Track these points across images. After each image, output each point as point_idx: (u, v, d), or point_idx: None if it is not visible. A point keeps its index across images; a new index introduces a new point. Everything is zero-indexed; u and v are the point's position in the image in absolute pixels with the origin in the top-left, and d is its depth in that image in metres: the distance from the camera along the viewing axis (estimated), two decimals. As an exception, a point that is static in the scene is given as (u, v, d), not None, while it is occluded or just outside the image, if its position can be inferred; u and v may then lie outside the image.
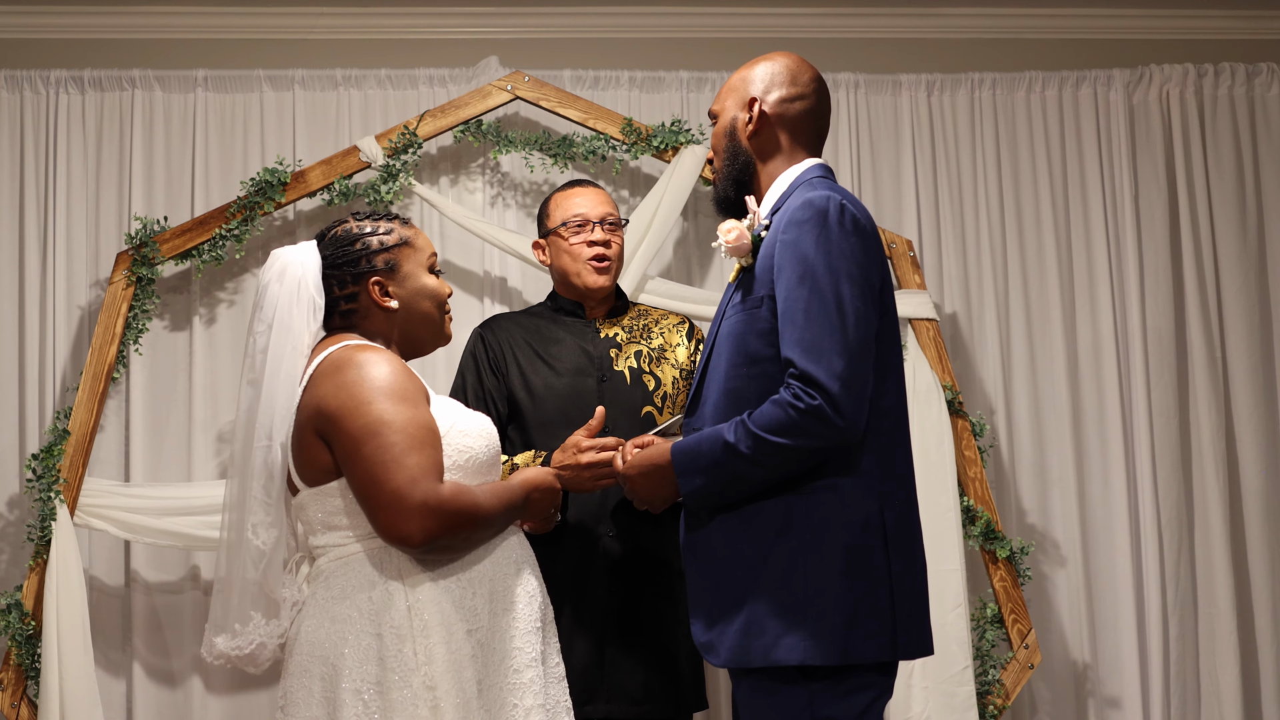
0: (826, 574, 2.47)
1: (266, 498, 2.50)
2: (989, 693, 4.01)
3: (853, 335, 2.46)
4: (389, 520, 2.37)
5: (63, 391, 4.12)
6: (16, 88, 4.24)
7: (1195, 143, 4.58)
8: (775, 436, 2.45)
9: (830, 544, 2.48)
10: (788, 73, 2.73)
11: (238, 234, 4.03)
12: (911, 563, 2.57)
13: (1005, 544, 4.06)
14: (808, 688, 2.48)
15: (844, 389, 2.43)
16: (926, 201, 4.49)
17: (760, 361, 2.56)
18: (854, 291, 2.48)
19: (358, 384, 2.42)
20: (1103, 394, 4.47)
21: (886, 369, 2.58)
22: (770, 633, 2.48)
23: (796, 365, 2.46)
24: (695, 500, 2.60)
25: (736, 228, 2.64)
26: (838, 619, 2.46)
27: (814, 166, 2.71)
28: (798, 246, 2.51)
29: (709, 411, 2.64)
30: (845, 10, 4.59)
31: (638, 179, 4.38)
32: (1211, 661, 4.38)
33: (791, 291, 2.50)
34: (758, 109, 2.71)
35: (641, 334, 3.47)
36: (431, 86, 4.34)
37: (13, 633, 3.76)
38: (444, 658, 2.37)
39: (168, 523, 3.87)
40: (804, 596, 2.47)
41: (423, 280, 2.62)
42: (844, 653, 2.46)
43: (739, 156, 2.74)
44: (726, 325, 2.66)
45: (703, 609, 2.59)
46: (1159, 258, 4.51)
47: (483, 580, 2.47)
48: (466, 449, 2.49)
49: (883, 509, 2.53)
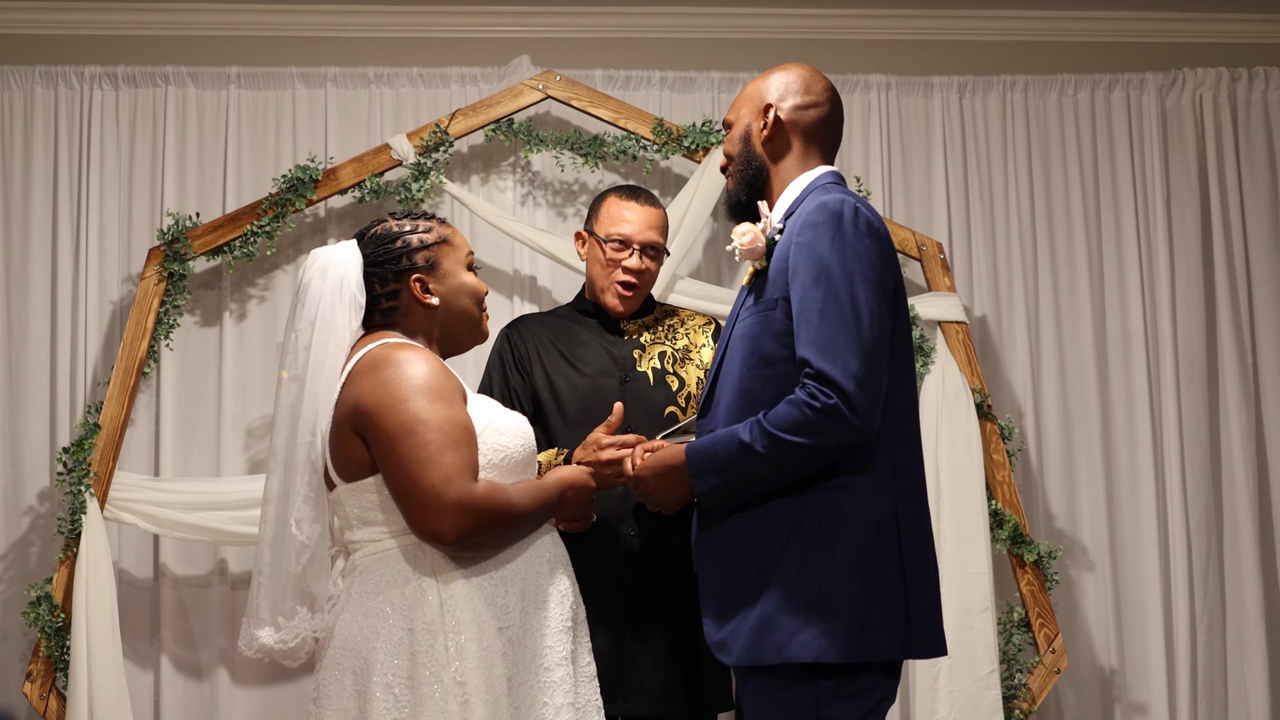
0: (840, 573, 2.49)
1: (310, 492, 2.52)
2: (1015, 697, 4.00)
3: (868, 336, 2.49)
4: (423, 517, 2.39)
5: (94, 386, 4.15)
6: (51, 83, 4.26)
7: (1228, 147, 4.56)
8: (791, 436, 2.48)
9: (844, 543, 2.50)
10: (802, 82, 2.77)
11: (269, 230, 4.05)
12: (925, 562, 2.59)
13: (1033, 548, 4.05)
14: (814, 687, 2.50)
15: (860, 389, 2.46)
16: (957, 204, 4.48)
17: (775, 362, 2.58)
18: (869, 292, 2.51)
19: (395, 382, 2.44)
20: (1132, 398, 4.45)
21: (899, 370, 2.61)
22: (783, 630, 2.50)
23: (812, 365, 2.48)
24: (710, 500, 2.61)
25: (751, 231, 2.68)
26: (851, 617, 2.48)
27: (826, 173, 2.74)
28: (813, 248, 2.54)
29: (722, 413, 2.66)
30: (877, 12, 4.58)
31: (668, 179, 4.38)
32: (1240, 668, 4.36)
33: (807, 292, 2.52)
34: (773, 115, 2.74)
35: (666, 335, 3.48)
36: (463, 85, 4.35)
37: (42, 625, 3.79)
38: (475, 654, 2.39)
39: (197, 517, 3.89)
40: (818, 595, 2.49)
41: (462, 278, 2.65)
42: (858, 651, 2.47)
43: (753, 161, 2.77)
44: (740, 327, 2.68)
45: (715, 607, 2.61)
46: (1190, 262, 4.49)
47: (515, 578, 2.48)
48: (502, 448, 2.51)
49: (896, 508, 2.55)
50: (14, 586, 4.08)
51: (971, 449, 4.05)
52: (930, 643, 2.58)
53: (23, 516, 4.12)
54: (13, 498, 4.13)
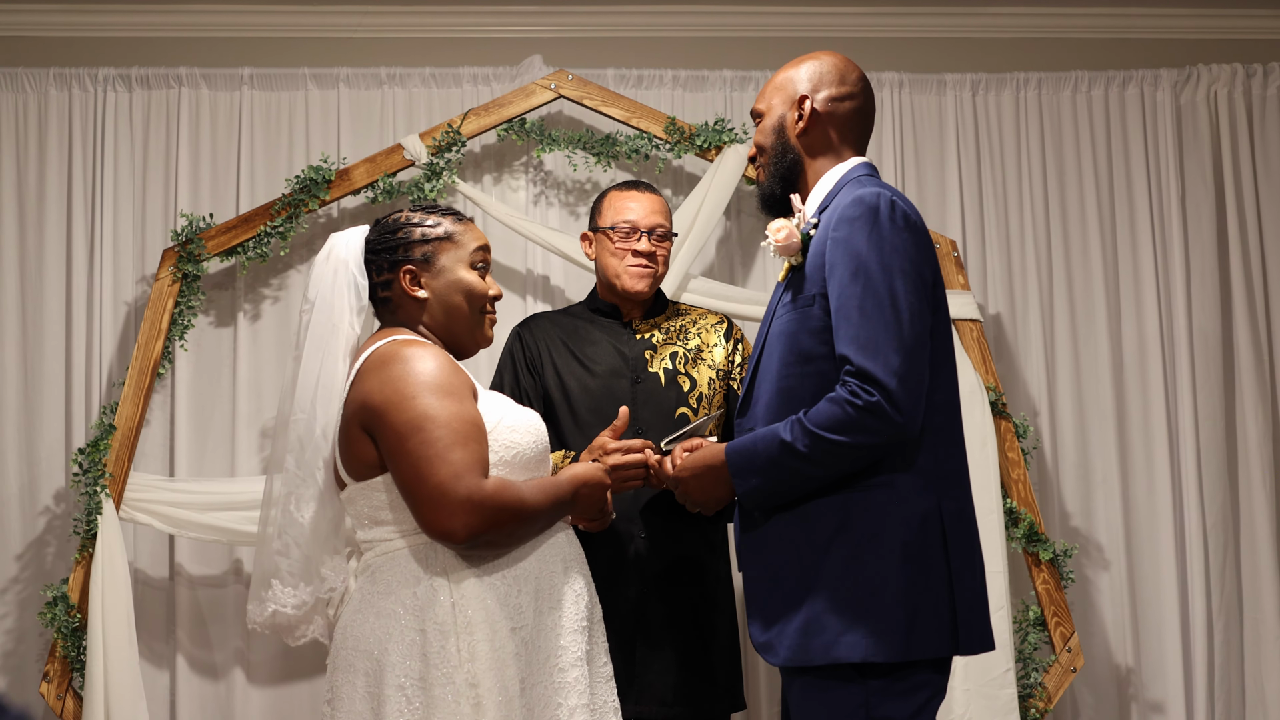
0: (886, 570, 2.46)
1: (298, 470, 2.52)
2: (1031, 696, 3.98)
3: (908, 331, 2.45)
4: (432, 515, 2.36)
5: (109, 387, 4.16)
6: (65, 85, 4.27)
7: (1243, 143, 4.54)
8: (833, 434, 2.44)
9: (889, 540, 2.47)
10: (836, 71, 2.72)
11: (282, 231, 4.06)
12: (970, 558, 2.55)
13: (1048, 546, 4.04)
14: (864, 686, 2.46)
15: (901, 385, 2.43)
16: (971, 202, 4.46)
17: (814, 360, 2.55)
18: (908, 287, 2.48)
19: (403, 378, 2.42)
20: (1148, 396, 4.43)
21: (940, 365, 2.57)
22: (830, 630, 2.46)
23: (853, 362, 2.45)
24: (751, 500, 2.58)
25: (786, 226, 2.62)
26: (899, 615, 2.44)
27: (860, 165, 2.70)
28: (850, 243, 2.50)
29: (761, 412, 2.62)
30: (890, 9, 4.57)
31: (681, 178, 4.37)
32: (1257, 667, 4.34)
33: (845, 289, 2.49)
34: (809, 107, 2.69)
35: (678, 335, 3.47)
36: (475, 85, 4.35)
37: (58, 625, 3.80)
38: (487, 655, 2.37)
39: (212, 517, 3.89)
40: (864, 593, 2.46)
41: (459, 275, 2.60)
42: (905, 649, 2.44)
43: (787, 154, 2.72)
44: (777, 324, 2.64)
45: (760, 609, 2.57)
46: (1206, 259, 4.47)
47: (528, 578, 2.45)
48: (513, 444, 2.48)
49: (940, 504, 2.51)
50: (30, 586, 4.09)
51: (986, 447, 4.03)
52: (978, 638, 2.55)
53: (39, 517, 4.13)
54: (29, 498, 4.14)
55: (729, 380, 3.44)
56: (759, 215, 4.37)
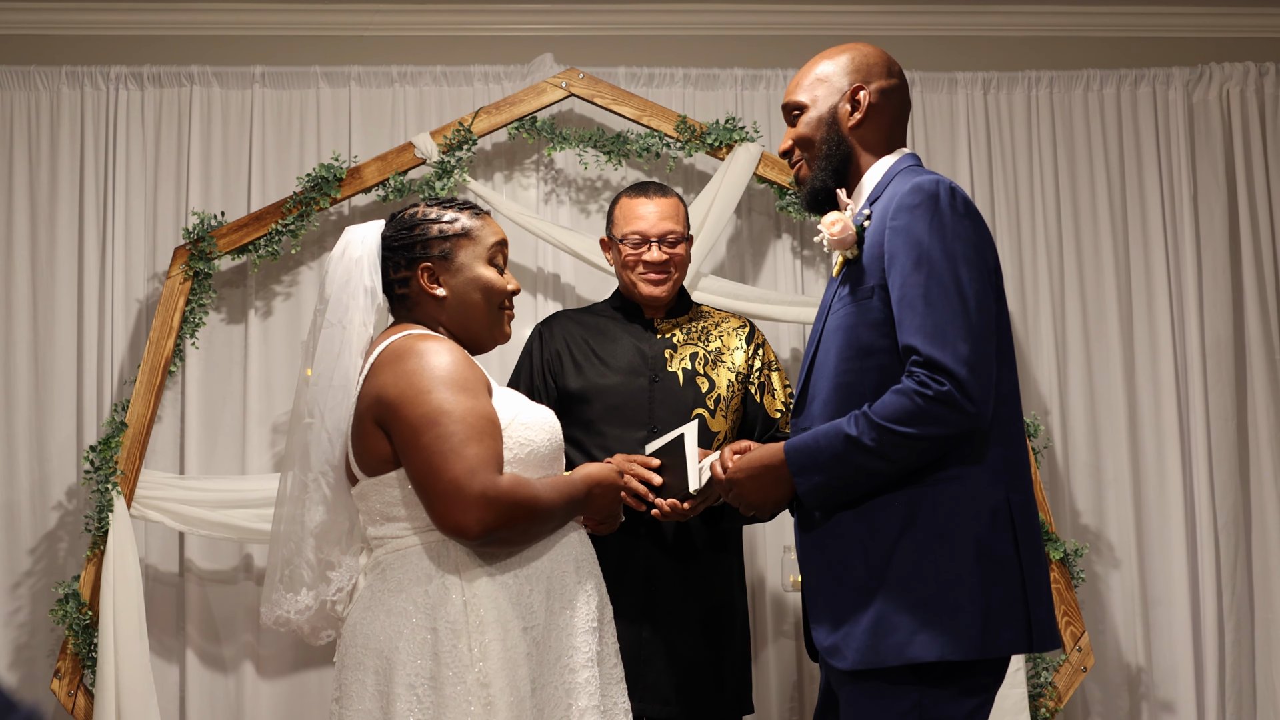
0: (958, 567, 2.38)
1: (303, 474, 2.52)
2: (1041, 695, 3.98)
3: (975, 319, 2.39)
4: (446, 511, 2.34)
5: (120, 384, 4.16)
6: (77, 84, 4.28)
7: (1256, 142, 4.53)
8: (902, 426, 2.36)
9: (960, 536, 2.39)
10: (883, 62, 2.67)
11: (293, 229, 4.06)
12: (1037, 552, 2.47)
13: (1059, 545, 4.03)
14: (918, 688, 2.39)
15: (972, 373, 2.35)
16: (982, 200, 4.45)
17: (875, 353, 2.47)
18: (971, 275, 2.41)
19: (417, 373, 2.40)
20: (1159, 396, 4.42)
21: (1003, 355, 2.50)
22: (903, 630, 2.37)
23: (920, 352, 2.37)
24: (814, 499, 2.48)
25: (840, 220, 2.53)
26: (974, 612, 2.36)
27: (907, 155, 2.65)
28: (910, 232, 2.43)
29: (818, 410, 2.54)
30: (901, 8, 4.56)
31: (691, 176, 4.37)
32: (1268, 667, 4.33)
33: (908, 278, 2.41)
34: (865, 98, 2.63)
35: (700, 336, 3.45)
36: (486, 83, 4.35)
37: (70, 622, 3.81)
38: (499, 655, 2.34)
39: (222, 515, 3.90)
40: (936, 591, 2.38)
41: (477, 271, 2.58)
42: (982, 647, 2.37)
43: (841, 146, 2.64)
44: (834, 319, 2.56)
45: (826, 612, 2.47)
46: (1218, 259, 4.46)
47: (540, 577, 2.44)
48: (528, 441, 2.46)
49: (1009, 497, 2.44)
50: (42, 581, 4.10)
51: (997, 446, 4.02)
52: (1049, 635, 2.47)
53: (51, 513, 4.14)
54: (40, 495, 4.15)
55: (747, 384, 3.43)
56: (769, 214, 4.37)
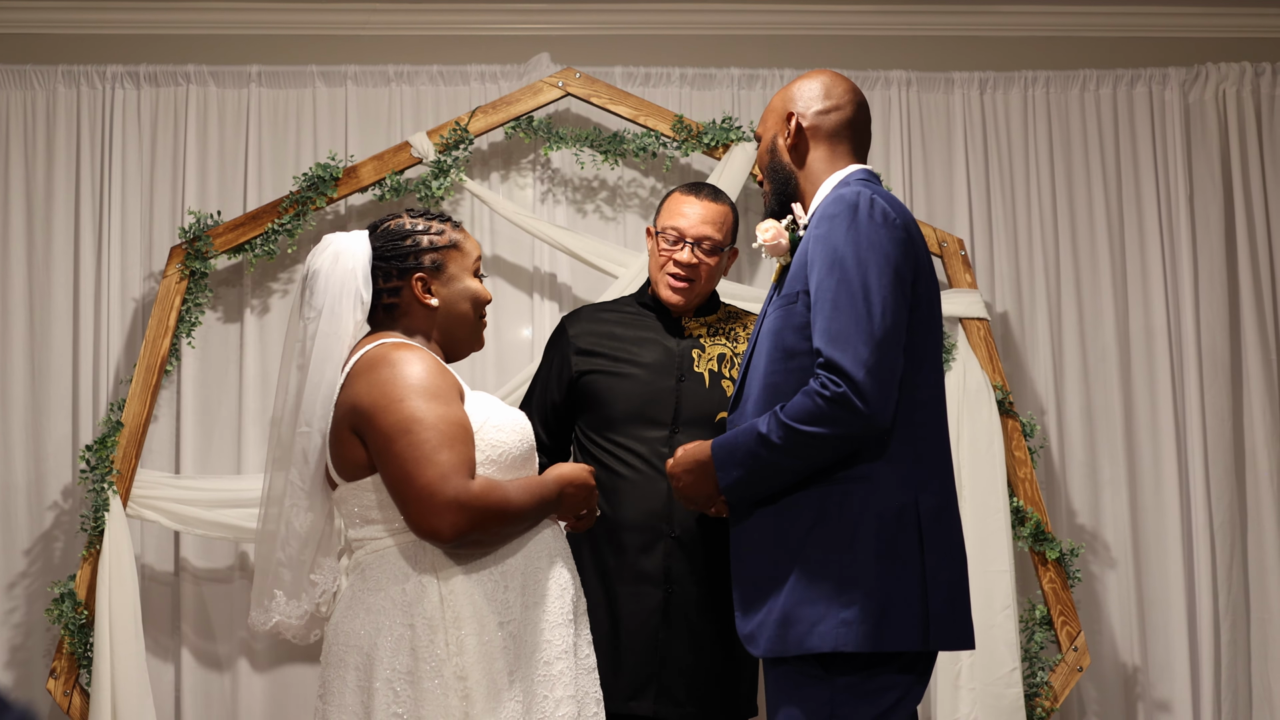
0: (860, 563, 2.51)
1: (301, 483, 2.57)
2: (1037, 695, 3.98)
3: (879, 324, 2.50)
4: (420, 515, 2.41)
5: (116, 383, 4.17)
6: (73, 83, 4.28)
7: (1252, 142, 4.53)
8: (805, 425, 2.50)
9: (863, 534, 2.53)
10: (822, 88, 2.80)
11: (290, 228, 4.07)
12: (948, 554, 2.59)
13: (1055, 545, 4.03)
14: (831, 685, 2.53)
15: (869, 376, 2.47)
16: (978, 200, 4.46)
17: (797, 355, 2.61)
18: (882, 281, 2.53)
19: (391, 381, 2.46)
20: (1155, 395, 4.42)
21: (922, 360, 2.61)
22: (804, 621, 2.52)
23: (823, 354, 2.52)
24: (734, 493, 2.65)
25: (773, 227, 2.73)
26: (871, 607, 2.49)
27: (857, 170, 2.76)
28: (828, 239, 2.57)
29: (750, 409, 2.69)
30: (897, 8, 4.56)
31: (688, 176, 4.37)
32: (1264, 667, 4.33)
33: (821, 283, 2.56)
34: (794, 123, 2.77)
35: (728, 336, 3.42)
36: (483, 83, 4.35)
37: (66, 622, 3.81)
38: (475, 649, 2.41)
39: (218, 514, 3.91)
40: (837, 586, 2.51)
41: (466, 283, 2.66)
42: (875, 640, 2.49)
43: (780, 170, 2.81)
44: (767, 323, 2.72)
45: (744, 600, 2.64)
46: (1214, 259, 4.46)
47: (515, 573, 2.50)
48: (500, 444, 2.52)
49: (918, 499, 2.56)
50: (38, 581, 4.10)
51: (993, 446, 4.03)
52: (954, 635, 2.58)
53: (46, 512, 4.14)
54: (36, 495, 4.15)
55: None
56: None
